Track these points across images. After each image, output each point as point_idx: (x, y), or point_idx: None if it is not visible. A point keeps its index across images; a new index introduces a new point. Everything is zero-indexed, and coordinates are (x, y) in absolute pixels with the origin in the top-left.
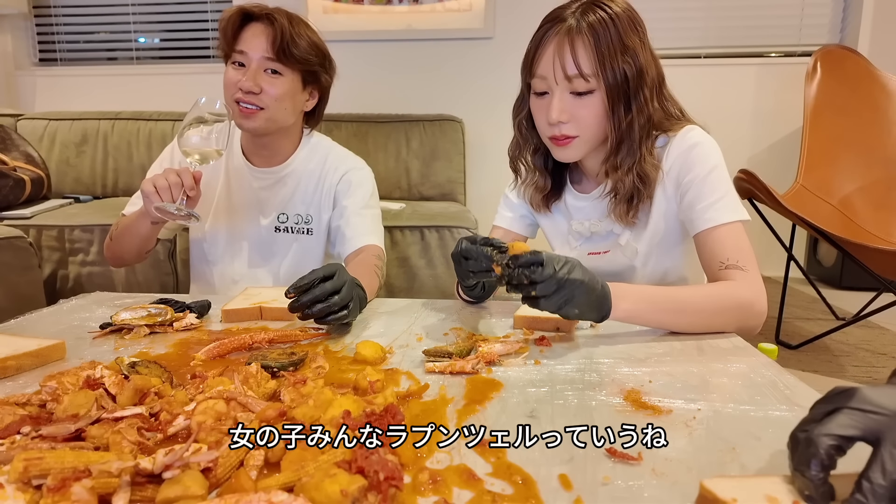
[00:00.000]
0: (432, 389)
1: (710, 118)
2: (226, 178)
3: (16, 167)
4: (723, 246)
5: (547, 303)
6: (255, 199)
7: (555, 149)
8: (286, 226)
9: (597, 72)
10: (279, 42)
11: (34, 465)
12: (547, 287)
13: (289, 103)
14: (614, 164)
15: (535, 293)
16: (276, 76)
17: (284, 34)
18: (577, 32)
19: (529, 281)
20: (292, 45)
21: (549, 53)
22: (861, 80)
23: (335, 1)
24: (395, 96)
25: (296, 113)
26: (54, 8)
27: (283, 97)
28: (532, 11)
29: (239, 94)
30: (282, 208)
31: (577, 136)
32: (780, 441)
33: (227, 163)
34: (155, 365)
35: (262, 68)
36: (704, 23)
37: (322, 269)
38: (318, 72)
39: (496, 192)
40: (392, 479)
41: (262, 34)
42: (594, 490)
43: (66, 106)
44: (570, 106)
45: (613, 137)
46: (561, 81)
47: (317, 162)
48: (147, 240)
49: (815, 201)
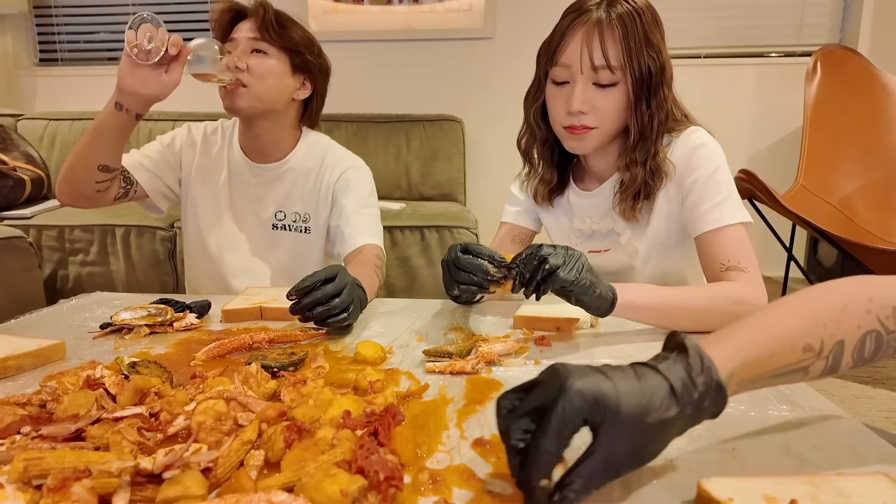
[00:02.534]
0: (432, 389)
1: (709, 118)
2: (227, 171)
3: (16, 167)
4: (725, 247)
5: (565, 271)
6: (253, 195)
7: (568, 139)
8: (284, 223)
9: (623, 64)
10: (263, 22)
11: (34, 465)
12: (557, 256)
13: (274, 82)
14: (633, 158)
15: (549, 265)
16: (261, 55)
17: (268, 14)
18: (607, 24)
19: (539, 261)
20: (277, 24)
21: (577, 43)
22: (861, 80)
23: (335, 1)
24: (395, 96)
25: (284, 96)
26: (54, 8)
27: (267, 74)
28: (532, 11)
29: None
30: (279, 206)
31: (596, 127)
32: (780, 441)
33: (228, 157)
34: (155, 365)
35: (248, 49)
36: (704, 23)
37: (324, 271)
38: (306, 56)
39: (496, 192)
40: (392, 479)
41: (249, 21)
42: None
43: (66, 106)
44: (591, 97)
45: (635, 132)
46: (587, 71)
47: (315, 160)
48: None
49: (815, 201)
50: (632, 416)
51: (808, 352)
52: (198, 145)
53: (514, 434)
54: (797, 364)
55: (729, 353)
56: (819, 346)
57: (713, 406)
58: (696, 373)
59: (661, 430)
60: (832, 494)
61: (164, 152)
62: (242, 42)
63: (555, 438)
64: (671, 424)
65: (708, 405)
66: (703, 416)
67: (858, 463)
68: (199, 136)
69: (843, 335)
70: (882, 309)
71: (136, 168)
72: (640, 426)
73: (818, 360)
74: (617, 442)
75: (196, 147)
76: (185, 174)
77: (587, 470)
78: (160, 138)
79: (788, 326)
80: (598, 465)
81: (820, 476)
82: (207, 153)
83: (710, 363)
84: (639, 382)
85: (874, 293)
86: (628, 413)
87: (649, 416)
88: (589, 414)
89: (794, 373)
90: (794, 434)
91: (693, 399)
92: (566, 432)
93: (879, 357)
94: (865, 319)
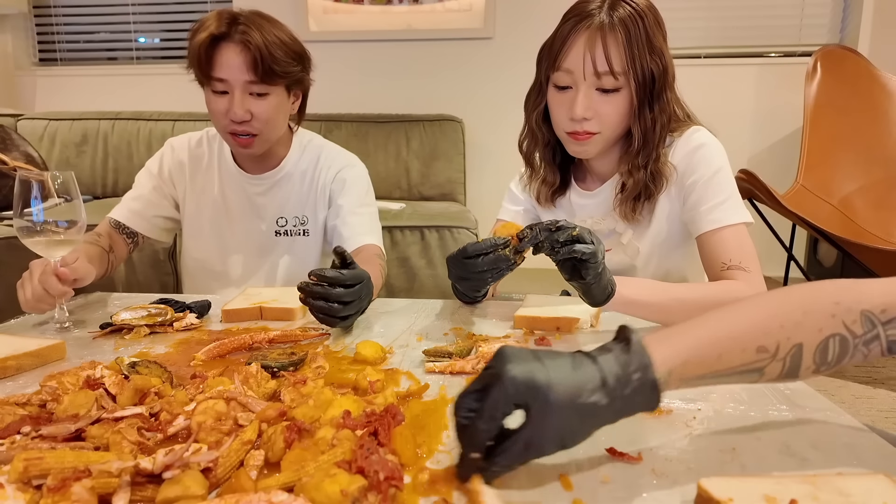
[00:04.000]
0: (432, 389)
1: (709, 118)
2: (220, 185)
3: (16, 167)
4: (726, 247)
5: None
6: (252, 205)
7: (571, 144)
8: (285, 229)
9: (626, 69)
10: (259, 64)
11: (34, 465)
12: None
13: (280, 119)
14: (636, 163)
15: (576, 231)
16: (262, 98)
17: (263, 54)
18: (610, 29)
19: (556, 227)
20: (273, 62)
21: (579, 48)
22: (861, 80)
23: (335, 1)
24: (395, 96)
25: (286, 123)
26: (54, 8)
27: (274, 116)
28: (532, 11)
29: (232, 126)
30: (280, 212)
31: (598, 132)
32: (780, 441)
33: (220, 169)
34: (155, 365)
35: (246, 92)
36: (704, 23)
37: (351, 275)
38: (302, 77)
39: (496, 192)
40: (392, 479)
41: (238, 57)
42: (594, 490)
43: (66, 106)
44: (594, 102)
45: (638, 136)
46: (589, 77)
47: (309, 161)
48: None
49: (815, 201)
50: (560, 403)
51: (763, 353)
52: (186, 165)
53: (460, 412)
54: (750, 365)
55: (673, 351)
56: (774, 348)
57: (645, 402)
58: (633, 369)
59: (588, 419)
60: (832, 494)
61: (156, 183)
62: (238, 86)
63: (488, 419)
64: (598, 414)
65: (640, 400)
66: (633, 410)
67: (858, 463)
68: (184, 154)
69: (801, 338)
70: (848, 313)
71: (132, 219)
72: (567, 413)
73: (774, 362)
74: (543, 425)
75: (185, 167)
76: (181, 194)
77: (512, 448)
78: (149, 166)
79: (742, 327)
80: (522, 445)
81: (820, 476)
82: (198, 169)
83: (649, 362)
84: (572, 372)
85: (842, 297)
86: (556, 400)
87: (576, 405)
88: (520, 399)
89: (748, 373)
90: (794, 434)
91: (623, 394)
92: (498, 414)
93: (847, 361)
94: (829, 323)
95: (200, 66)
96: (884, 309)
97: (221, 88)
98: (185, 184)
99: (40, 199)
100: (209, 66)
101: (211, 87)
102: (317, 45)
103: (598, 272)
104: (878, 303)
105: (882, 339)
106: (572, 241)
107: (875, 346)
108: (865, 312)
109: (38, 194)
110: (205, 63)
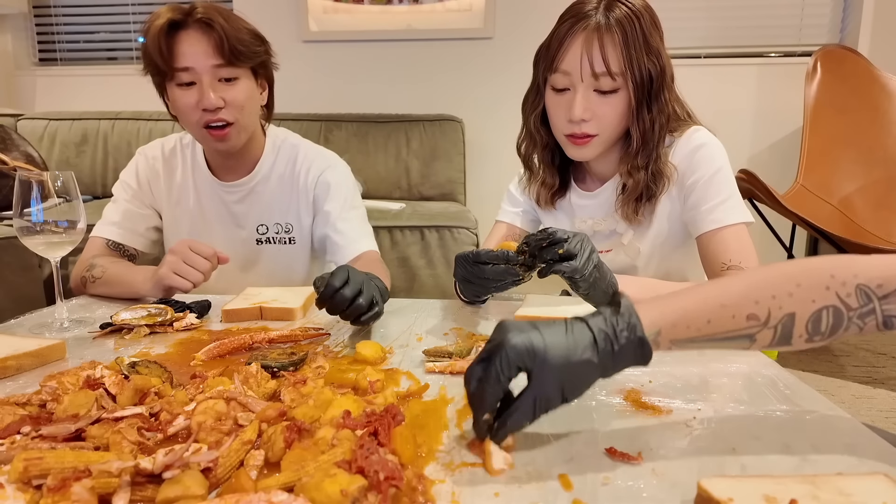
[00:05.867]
0: (432, 389)
1: (709, 118)
2: (195, 194)
3: (16, 167)
4: (726, 247)
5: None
6: (229, 213)
7: (570, 147)
8: (267, 237)
9: (624, 70)
10: (225, 44)
11: (34, 465)
12: (572, 243)
13: (253, 106)
14: (635, 164)
15: (563, 250)
16: (231, 83)
17: (228, 33)
18: (607, 30)
19: (549, 243)
20: (238, 42)
21: (576, 49)
22: (861, 80)
23: (335, 1)
24: (394, 96)
25: (258, 114)
26: (54, 8)
27: (247, 102)
28: (532, 11)
29: (206, 118)
30: (260, 219)
31: (597, 134)
32: (780, 441)
33: (195, 178)
34: (155, 365)
35: (215, 79)
36: (704, 23)
37: (335, 277)
38: (266, 60)
39: (496, 192)
40: (392, 479)
41: (201, 42)
42: (594, 490)
43: (66, 106)
44: (592, 104)
45: (637, 137)
46: (587, 79)
47: (286, 164)
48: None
49: (815, 201)
50: (556, 363)
51: (753, 320)
52: (160, 174)
53: (471, 381)
54: (741, 331)
55: (660, 313)
56: (766, 316)
57: (637, 357)
58: (622, 328)
59: (584, 374)
60: (832, 494)
61: (135, 197)
62: (205, 73)
63: (494, 383)
64: (593, 369)
65: (630, 356)
66: (625, 364)
67: (858, 463)
68: (158, 164)
69: (794, 308)
70: (843, 286)
71: (128, 237)
72: (564, 370)
73: (765, 330)
74: (545, 383)
75: (160, 176)
76: (159, 204)
77: (521, 406)
78: (125, 179)
79: (734, 296)
80: (529, 402)
81: (820, 476)
82: (172, 179)
83: (637, 321)
84: (566, 335)
85: (837, 271)
86: (553, 360)
87: (571, 363)
88: (522, 363)
89: (739, 339)
90: (794, 434)
91: (613, 350)
92: (503, 378)
93: (843, 333)
94: (822, 295)
95: (162, 58)
96: (880, 284)
97: (187, 79)
98: (162, 192)
99: (40, 200)
100: (171, 56)
101: (175, 82)
102: (317, 45)
103: (589, 283)
104: (874, 276)
105: (878, 313)
106: (559, 258)
107: (871, 321)
108: (861, 286)
109: (37, 194)
110: (166, 54)
